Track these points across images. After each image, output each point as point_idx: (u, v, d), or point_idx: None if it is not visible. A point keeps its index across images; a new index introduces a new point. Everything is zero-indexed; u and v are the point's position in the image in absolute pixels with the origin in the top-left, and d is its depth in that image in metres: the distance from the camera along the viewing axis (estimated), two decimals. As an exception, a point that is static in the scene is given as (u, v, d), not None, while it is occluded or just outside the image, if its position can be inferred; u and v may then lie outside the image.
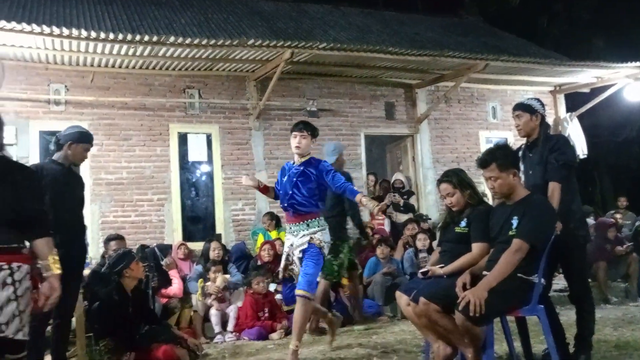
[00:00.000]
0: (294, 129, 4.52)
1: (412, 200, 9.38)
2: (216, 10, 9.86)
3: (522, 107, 4.12)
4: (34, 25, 6.52)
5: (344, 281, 6.93)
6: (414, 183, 9.80)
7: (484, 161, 3.59)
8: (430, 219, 8.93)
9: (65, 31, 6.62)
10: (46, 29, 6.54)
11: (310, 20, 10.37)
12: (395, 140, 10.29)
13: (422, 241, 7.00)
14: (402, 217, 8.86)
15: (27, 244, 2.80)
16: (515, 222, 3.45)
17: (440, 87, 9.81)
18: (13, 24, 6.41)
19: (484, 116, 10.29)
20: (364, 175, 9.29)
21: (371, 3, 12.68)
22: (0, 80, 7.32)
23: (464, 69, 8.88)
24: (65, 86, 7.78)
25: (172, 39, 7.11)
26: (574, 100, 11.15)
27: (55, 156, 4.42)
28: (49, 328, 4.37)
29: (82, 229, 4.58)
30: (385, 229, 8.71)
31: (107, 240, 6.40)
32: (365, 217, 9.02)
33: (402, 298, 3.88)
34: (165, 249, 7.09)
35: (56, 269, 2.79)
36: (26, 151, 7.47)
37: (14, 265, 2.68)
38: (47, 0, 8.70)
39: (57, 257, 2.80)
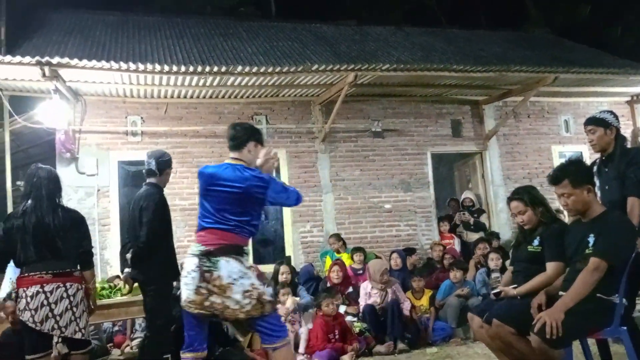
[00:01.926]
0: (262, 139, 3.65)
1: (483, 219, 9.17)
2: (281, 38, 10.13)
3: (594, 122, 3.98)
4: (113, 62, 6.95)
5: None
6: (484, 201, 9.59)
7: (556, 177, 3.48)
8: (499, 238, 8.66)
9: (141, 66, 7.02)
10: (123, 65, 6.95)
11: (373, 43, 10.46)
12: (463, 158, 10.12)
13: (494, 261, 6.81)
14: (472, 236, 8.67)
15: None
16: (591, 240, 3.32)
17: (509, 102, 9.60)
18: (94, 62, 6.87)
19: (556, 130, 9.97)
20: (432, 194, 9.18)
21: (434, 22, 12.67)
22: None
23: (533, 82, 8.65)
24: (142, 118, 8.19)
25: (239, 68, 7.38)
26: (654, 109, 10.59)
27: (155, 181, 4.59)
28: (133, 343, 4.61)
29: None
30: (456, 248, 8.55)
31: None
32: (434, 236, 8.91)
33: (474, 320, 3.81)
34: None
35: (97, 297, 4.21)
36: (107, 180, 7.90)
37: (68, 284, 3.76)
38: (123, 37, 9.25)
39: (97, 287, 4.17)
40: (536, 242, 3.74)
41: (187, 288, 3.21)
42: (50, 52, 7.45)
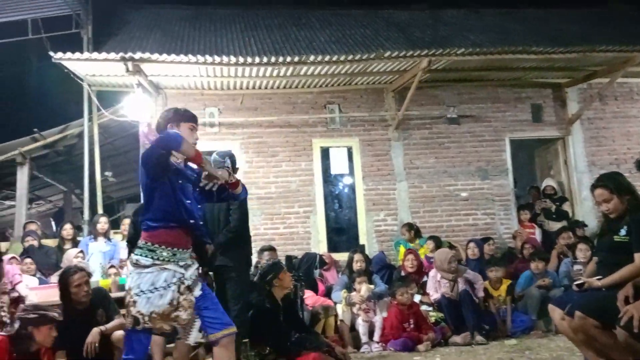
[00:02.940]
0: (193, 120, 3.42)
1: (566, 207, 8.79)
2: (354, 26, 10.09)
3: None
4: (191, 56, 7.19)
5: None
6: (567, 188, 9.18)
7: (645, 163, 3.28)
8: (587, 225, 8.28)
9: (217, 59, 7.22)
10: (201, 58, 7.18)
11: (446, 27, 10.21)
12: (544, 144, 9.71)
13: (582, 252, 6.34)
14: (554, 226, 8.34)
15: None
16: (685, 229, 3.11)
17: (593, 84, 9.11)
18: (173, 56, 7.13)
19: (647, 113, 9.37)
20: (511, 182, 8.89)
21: (510, 3, 12.12)
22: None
23: (620, 62, 8.17)
24: (219, 109, 8.43)
25: (312, 57, 7.43)
26: None
27: None
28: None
29: None
30: (537, 238, 8.25)
31: (261, 251, 6.80)
32: (513, 225, 8.63)
33: (555, 312, 3.68)
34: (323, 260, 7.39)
35: None
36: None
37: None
38: (199, 31, 9.54)
39: None
40: (623, 231, 3.55)
41: None
42: (133, 48, 7.82)
